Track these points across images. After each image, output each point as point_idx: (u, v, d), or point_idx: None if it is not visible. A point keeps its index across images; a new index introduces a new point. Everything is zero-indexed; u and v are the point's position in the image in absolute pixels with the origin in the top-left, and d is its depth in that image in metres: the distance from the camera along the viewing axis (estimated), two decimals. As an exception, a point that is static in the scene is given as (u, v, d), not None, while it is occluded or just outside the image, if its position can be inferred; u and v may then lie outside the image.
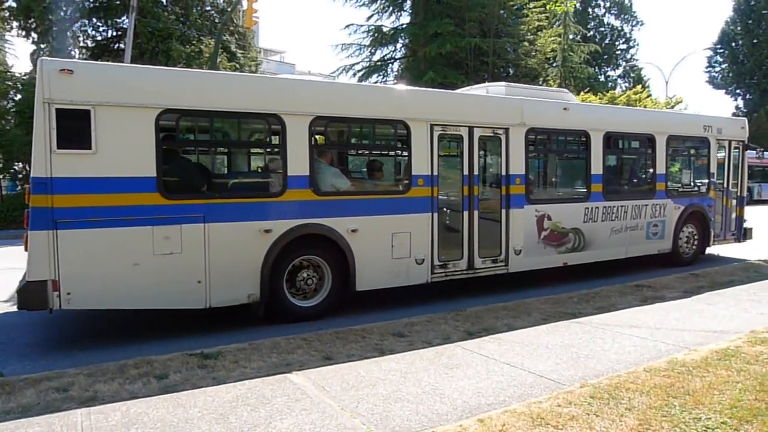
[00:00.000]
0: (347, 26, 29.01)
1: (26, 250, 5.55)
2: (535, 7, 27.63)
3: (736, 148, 11.64)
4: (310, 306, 7.01)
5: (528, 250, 8.59)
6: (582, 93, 28.16)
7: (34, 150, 5.48)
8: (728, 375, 4.69)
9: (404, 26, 27.58)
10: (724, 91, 46.56)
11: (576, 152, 9.91)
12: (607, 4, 49.16)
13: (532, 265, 8.76)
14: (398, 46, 28.69)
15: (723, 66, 46.39)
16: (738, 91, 45.44)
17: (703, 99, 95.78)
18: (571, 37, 31.22)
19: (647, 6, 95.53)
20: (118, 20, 23.19)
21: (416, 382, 4.65)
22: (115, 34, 23.95)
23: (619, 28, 49.30)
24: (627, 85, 46.40)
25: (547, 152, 9.89)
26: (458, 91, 9.99)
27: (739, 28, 44.28)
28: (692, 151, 11.37)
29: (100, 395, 4.34)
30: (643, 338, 5.91)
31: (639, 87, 38.09)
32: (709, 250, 11.59)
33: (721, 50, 45.78)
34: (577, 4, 41.68)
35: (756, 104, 42.19)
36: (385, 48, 28.50)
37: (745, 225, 12.00)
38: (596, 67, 41.38)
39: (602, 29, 48.55)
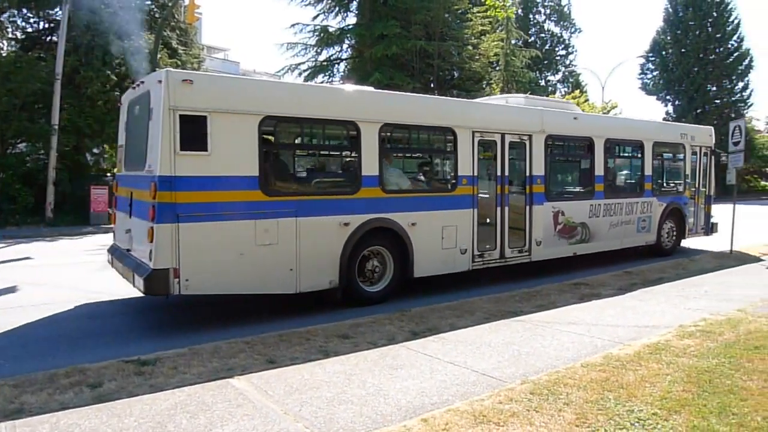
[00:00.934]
0: (293, 25, 28.40)
1: (150, 241, 6.04)
2: (478, 12, 28.14)
3: (705, 153, 13.14)
4: (376, 291, 7.84)
5: (546, 242, 9.78)
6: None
7: (161, 151, 6.03)
8: (659, 368, 4.92)
9: (350, 27, 27.48)
10: (655, 97, 48.67)
11: (582, 156, 11.00)
12: (548, 11, 50.62)
13: (549, 255, 9.95)
14: (344, 46, 28.56)
15: (654, 73, 48.44)
16: (668, 97, 47.58)
17: (636, 104, 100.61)
18: (513, 42, 32.01)
19: (585, 14, 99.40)
20: (50, 12, 22.02)
21: (361, 383, 4.64)
22: (47, 26, 22.75)
23: (559, 35, 50.81)
24: (566, 89, 47.98)
25: (560, 156, 10.91)
26: (479, 100, 11.51)
27: (668, 38, 46.44)
28: (671, 156, 12.72)
29: (27, 407, 4.10)
30: (580, 334, 6.12)
31: (577, 92, 39.57)
32: (682, 242, 12.91)
33: (653, 58, 47.83)
34: (519, 11, 42.80)
35: (684, 110, 44.40)
36: (331, 48, 28.32)
37: (712, 220, 13.48)
38: (537, 72, 42.44)
39: (543, 35, 49.89)
